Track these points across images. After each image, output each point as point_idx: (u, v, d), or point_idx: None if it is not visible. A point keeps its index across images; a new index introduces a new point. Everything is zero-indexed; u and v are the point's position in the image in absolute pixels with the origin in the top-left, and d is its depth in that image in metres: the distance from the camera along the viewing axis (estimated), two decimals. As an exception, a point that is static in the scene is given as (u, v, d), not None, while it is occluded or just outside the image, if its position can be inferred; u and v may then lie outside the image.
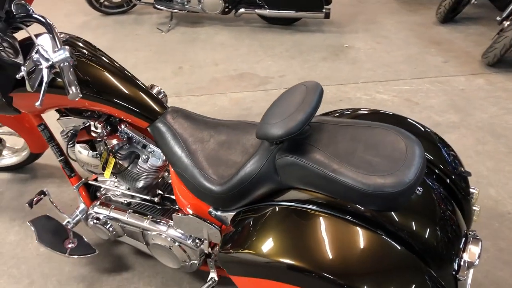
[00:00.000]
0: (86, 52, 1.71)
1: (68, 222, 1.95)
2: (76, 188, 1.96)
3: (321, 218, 1.32)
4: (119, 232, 1.93)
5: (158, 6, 4.51)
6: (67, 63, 1.49)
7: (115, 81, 1.67)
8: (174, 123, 1.67)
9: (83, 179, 1.99)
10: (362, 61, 3.88)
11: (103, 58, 1.72)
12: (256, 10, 4.42)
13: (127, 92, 1.67)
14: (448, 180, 1.51)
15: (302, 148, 1.34)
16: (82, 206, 2.00)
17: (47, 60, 1.50)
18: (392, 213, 1.34)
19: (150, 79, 3.59)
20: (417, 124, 1.66)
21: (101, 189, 1.99)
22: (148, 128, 1.69)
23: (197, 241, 1.75)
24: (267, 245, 1.32)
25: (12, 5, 1.61)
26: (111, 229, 1.91)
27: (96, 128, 1.78)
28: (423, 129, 1.64)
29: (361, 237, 1.27)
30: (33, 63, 1.47)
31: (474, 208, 1.59)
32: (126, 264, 2.07)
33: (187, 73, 3.71)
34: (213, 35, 4.41)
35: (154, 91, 2.05)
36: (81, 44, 1.74)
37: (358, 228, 1.29)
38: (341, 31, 4.48)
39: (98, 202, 1.94)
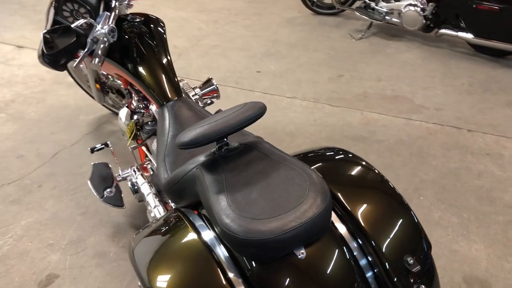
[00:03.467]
0: (143, 33, 1.91)
1: (118, 175, 2.24)
2: (131, 148, 2.23)
3: (195, 246, 1.21)
4: (140, 196, 2.12)
5: (358, 13, 4.43)
6: (105, 39, 1.75)
7: (147, 62, 1.84)
8: (175, 112, 1.75)
9: (139, 143, 2.25)
10: (559, 117, 3.03)
11: (154, 41, 1.90)
12: (459, 34, 3.89)
13: (151, 73, 1.82)
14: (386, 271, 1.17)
15: (216, 166, 1.27)
16: (135, 165, 2.27)
17: (92, 33, 1.80)
18: (269, 272, 1.14)
19: (302, 80, 3.63)
20: (398, 198, 1.32)
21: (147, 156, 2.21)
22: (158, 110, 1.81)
23: None
24: (145, 253, 1.28)
25: None
26: (136, 190, 2.12)
27: (134, 100, 2.00)
28: (403, 206, 1.30)
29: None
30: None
31: None
32: (152, 229, 2.26)
33: (342, 82, 3.59)
34: (402, 51, 4.10)
35: (208, 83, 2.14)
36: (146, 27, 1.95)
37: (218, 273, 1.15)
38: (561, 76, 3.55)
39: (138, 166, 2.17)
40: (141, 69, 1.83)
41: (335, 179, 1.32)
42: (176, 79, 1.87)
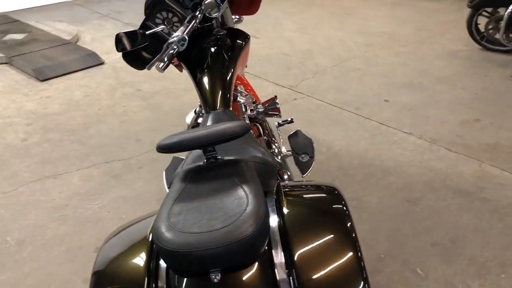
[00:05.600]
0: (220, 45, 2.04)
1: None
2: None
3: (142, 250, 1.26)
4: None
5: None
6: (174, 46, 1.91)
7: (210, 71, 1.95)
8: (214, 120, 1.82)
9: None
10: None
11: (227, 54, 2.01)
12: None
13: (208, 82, 1.93)
14: None
15: (187, 175, 1.32)
16: None
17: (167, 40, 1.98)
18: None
19: (430, 118, 3.30)
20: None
21: None
22: None
23: None
24: (110, 243, 1.37)
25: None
26: None
27: (199, 106, 2.14)
28: (356, 267, 1.14)
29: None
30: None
31: None
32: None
33: (475, 127, 3.16)
34: None
35: (271, 102, 2.15)
36: (229, 40, 2.08)
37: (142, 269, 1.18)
38: None
39: None
40: (202, 76, 1.95)
41: (296, 217, 1.23)
42: (229, 92, 1.93)
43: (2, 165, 2.97)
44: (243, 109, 2.09)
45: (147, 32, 1.94)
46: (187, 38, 1.92)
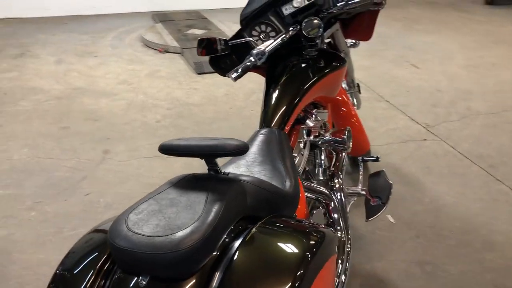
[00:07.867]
0: (307, 64, 2.02)
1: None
2: None
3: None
4: None
5: None
6: (252, 59, 1.92)
7: (281, 87, 1.94)
8: (262, 138, 1.79)
9: None
10: None
11: (307, 75, 1.97)
12: None
13: (275, 98, 1.91)
14: None
15: (176, 181, 1.35)
16: None
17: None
18: None
19: None
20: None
21: None
22: None
23: None
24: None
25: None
26: None
27: None
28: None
29: None
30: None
31: None
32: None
33: None
34: None
35: (340, 133, 2.00)
36: (319, 60, 2.04)
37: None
38: None
39: None
40: (272, 92, 1.94)
41: (251, 251, 1.15)
42: (290, 113, 1.87)
43: (132, 138, 3.40)
44: (304, 134, 2.00)
45: (229, 42, 2.00)
46: (266, 52, 1.91)
